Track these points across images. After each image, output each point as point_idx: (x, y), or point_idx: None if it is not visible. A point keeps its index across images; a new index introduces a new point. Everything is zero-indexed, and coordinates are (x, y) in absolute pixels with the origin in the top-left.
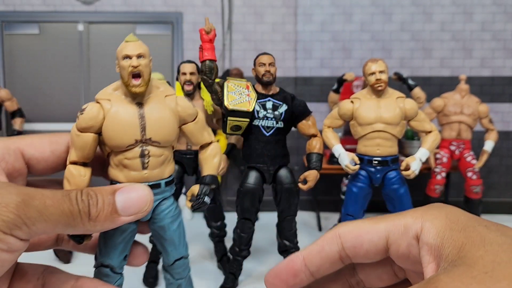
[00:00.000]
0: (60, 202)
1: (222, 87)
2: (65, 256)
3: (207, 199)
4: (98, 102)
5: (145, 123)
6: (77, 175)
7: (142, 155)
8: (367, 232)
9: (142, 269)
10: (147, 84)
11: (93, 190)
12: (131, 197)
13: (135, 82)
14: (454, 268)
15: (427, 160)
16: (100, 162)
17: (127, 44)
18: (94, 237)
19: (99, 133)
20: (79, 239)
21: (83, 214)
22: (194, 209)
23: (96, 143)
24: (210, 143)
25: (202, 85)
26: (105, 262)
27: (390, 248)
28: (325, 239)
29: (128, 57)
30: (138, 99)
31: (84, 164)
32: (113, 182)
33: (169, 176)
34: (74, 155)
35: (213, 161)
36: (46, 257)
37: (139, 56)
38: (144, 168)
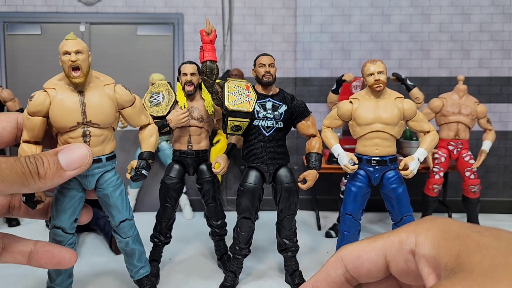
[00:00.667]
0: (13, 165)
1: (222, 87)
2: None
3: (144, 172)
4: (45, 91)
5: (86, 108)
6: (28, 151)
7: (84, 135)
8: (365, 252)
9: None
10: (85, 76)
11: (39, 154)
12: (72, 154)
13: (75, 74)
14: (454, 275)
15: (425, 160)
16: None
17: (67, 42)
18: (46, 203)
19: (46, 116)
20: (32, 205)
21: (33, 173)
22: (133, 180)
23: (44, 125)
24: (147, 125)
25: (203, 85)
26: (57, 224)
27: (389, 266)
28: (329, 264)
29: (67, 53)
30: (80, 88)
31: (35, 143)
32: None
33: (110, 153)
34: (25, 135)
35: (149, 140)
36: None
37: (77, 52)
38: None
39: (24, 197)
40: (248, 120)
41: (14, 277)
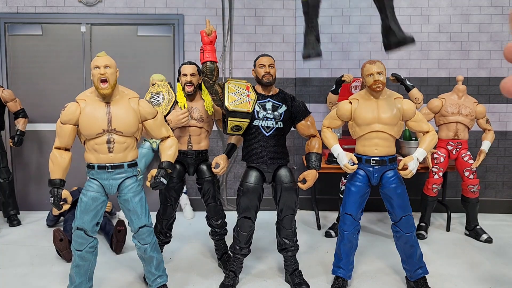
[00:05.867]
0: None
1: (222, 88)
2: (67, 254)
3: (163, 180)
4: (77, 102)
5: (111, 117)
6: (59, 157)
7: (108, 142)
8: None
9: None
10: (112, 88)
11: None
12: None
13: (103, 85)
14: None
15: (425, 160)
16: None
17: (98, 58)
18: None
19: (76, 125)
20: (59, 205)
21: None
22: (153, 187)
23: (74, 133)
24: (168, 137)
25: (203, 86)
26: (79, 226)
27: None
28: None
29: (97, 67)
30: (107, 99)
31: (66, 149)
32: (87, 163)
33: (132, 160)
34: (57, 141)
35: (169, 151)
36: (49, 255)
37: (106, 67)
38: (110, 152)
39: (52, 198)
40: (248, 120)
41: (16, 277)
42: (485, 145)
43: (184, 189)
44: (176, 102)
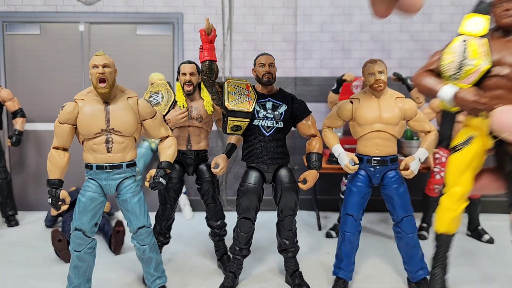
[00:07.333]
0: None
1: (222, 87)
2: (66, 255)
3: (162, 180)
4: (75, 101)
5: (110, 117)
6: (57, 157)
7: (107, 141)
8: None
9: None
10: (111, 87)
11: None
12: None
13: (101, 85)
14: None
15: (426, 160)
16: None
17: (96, 57)
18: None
19: (75, 125)
20: (57, 206)
21: None
22: (152, 188)
23: (73, 132)
24: (167, 137)
25: (202, 85)
26: (78, 226)
27: None
28: None
29: (96, 66)
30: (105, 99)
31: (64, 150)
32: (86, 163)
33: (130, 161)
34: (55, 141)
35: (168, 151)
36: (47, 256)
37: (104, 66)
38: (108, 151)
39: (50, 199)
40: (248, 120)
41: (15, 277)
42: None
43: (184, 190)
44: (175, 102)
